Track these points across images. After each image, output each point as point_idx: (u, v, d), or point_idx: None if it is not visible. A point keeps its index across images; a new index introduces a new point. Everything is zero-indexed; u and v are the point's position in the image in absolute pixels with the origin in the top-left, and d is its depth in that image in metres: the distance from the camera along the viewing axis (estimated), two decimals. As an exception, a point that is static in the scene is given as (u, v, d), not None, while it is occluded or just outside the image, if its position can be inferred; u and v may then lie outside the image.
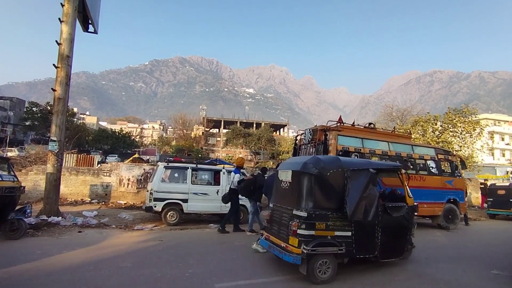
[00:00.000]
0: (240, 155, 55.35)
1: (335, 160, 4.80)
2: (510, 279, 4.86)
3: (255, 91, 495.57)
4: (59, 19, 9.16)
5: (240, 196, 8.28)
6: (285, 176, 5.02)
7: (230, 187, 8.40)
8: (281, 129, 67.37)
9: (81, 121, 64.49)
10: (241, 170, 8.78)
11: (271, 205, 5.40)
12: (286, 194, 4.96)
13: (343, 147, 8.61)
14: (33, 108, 43.27)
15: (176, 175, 9.45)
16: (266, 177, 8.26)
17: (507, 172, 33.33)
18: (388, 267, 5.20)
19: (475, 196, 19.16)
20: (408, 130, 19.21)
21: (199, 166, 9.71)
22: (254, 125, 59.88)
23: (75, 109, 67.40)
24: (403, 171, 5.80)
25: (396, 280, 4.58)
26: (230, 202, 8.24)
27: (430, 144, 17.35)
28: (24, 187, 7.24)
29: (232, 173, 8.50)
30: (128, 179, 13.66)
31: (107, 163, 16.72)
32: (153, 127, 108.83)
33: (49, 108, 39.08)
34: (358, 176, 4.58)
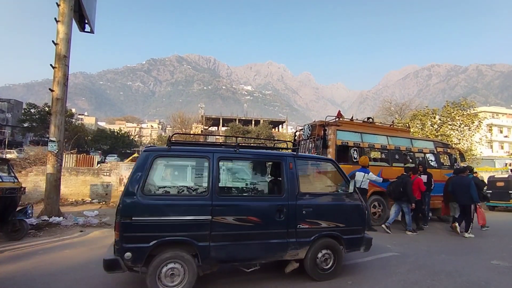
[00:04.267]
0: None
1: None
2: (510, 269, 4.90)
3: (253, 89, 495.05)
4: (55, 19, 9.11)
5: None
6: None
7: (360, 187, 7.44)
8: (280, 126, 67.41)
9: (80, 122, 64.34)
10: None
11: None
12: None
13: (342, 142, 8.64)
14: (31, 110, 43.15)
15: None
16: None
17: (506, 164, 33.42)
18: (388, 260, 5.24)
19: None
20: (407, 124, 19.23)
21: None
22: (253, 122, 59.92)
23: (73, 110, 67.12)
24: None
25: (397, 272, 4.61)
26: None
27: (429, 137, 17.40)
28: (24, 188, 7.25)
29: (359, 172, 7.72)
30: (128, 179, 13.64)
31: (107, 162, 16.72)
32: (151, 126, 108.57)
33: (47, 109, 38.99)
34: None
